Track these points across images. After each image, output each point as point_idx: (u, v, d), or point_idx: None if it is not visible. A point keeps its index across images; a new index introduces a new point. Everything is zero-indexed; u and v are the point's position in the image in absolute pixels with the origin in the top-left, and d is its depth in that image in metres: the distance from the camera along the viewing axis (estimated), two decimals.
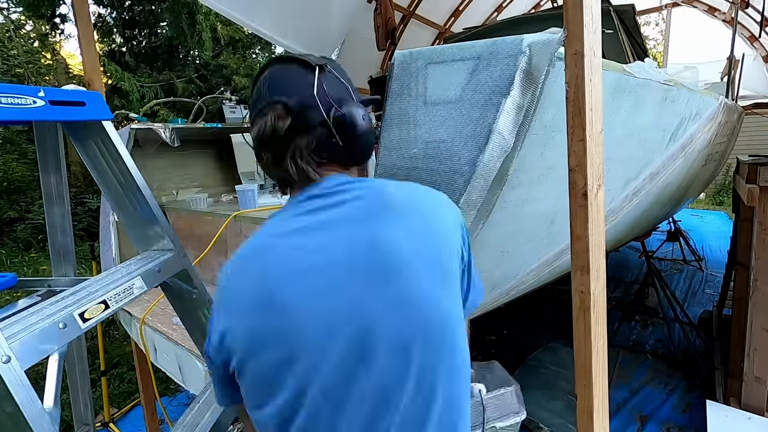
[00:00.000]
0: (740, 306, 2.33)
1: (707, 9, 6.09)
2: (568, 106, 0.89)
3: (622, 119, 1.29)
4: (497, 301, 1.61)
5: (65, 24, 8.37)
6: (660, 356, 3.28)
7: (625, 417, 2.64)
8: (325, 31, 4.98)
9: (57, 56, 9.38)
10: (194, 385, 1.59)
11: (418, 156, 1.00)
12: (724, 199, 9.39)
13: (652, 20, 16.22)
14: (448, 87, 0.96)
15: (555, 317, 3.65)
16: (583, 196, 0.91)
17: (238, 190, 2.02)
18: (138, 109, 6.30)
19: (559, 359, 3.16)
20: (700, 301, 4.27)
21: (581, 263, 0.95)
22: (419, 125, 1.00)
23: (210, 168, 2.86)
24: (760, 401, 2.26)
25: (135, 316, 1.97)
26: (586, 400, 0.99)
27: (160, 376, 2.40)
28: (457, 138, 0.95)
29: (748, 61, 5.42)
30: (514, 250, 1.27)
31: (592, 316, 0.95)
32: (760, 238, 2.13)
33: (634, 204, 1.88)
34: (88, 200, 7.31)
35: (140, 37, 9.20)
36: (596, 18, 0.89)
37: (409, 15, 6.21)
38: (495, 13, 7.28)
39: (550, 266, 1.58)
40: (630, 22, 3.30)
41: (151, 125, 2.24)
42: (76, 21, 2.35)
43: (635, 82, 1.25)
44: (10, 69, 7.87)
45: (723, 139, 3.20)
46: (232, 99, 2.90)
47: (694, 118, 1.98)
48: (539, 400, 2.72)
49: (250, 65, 10.08)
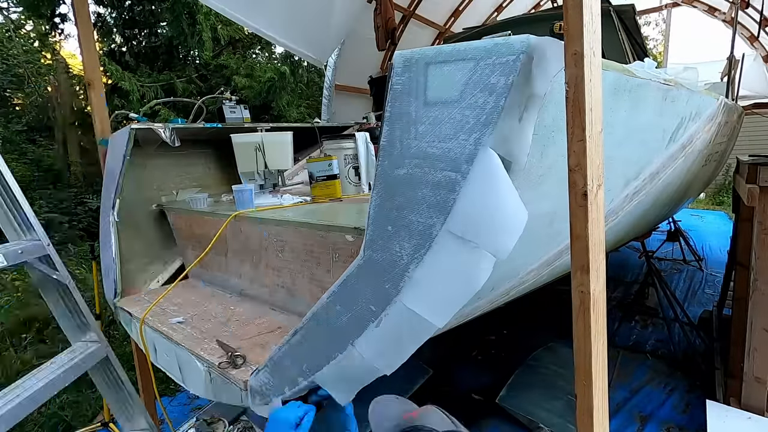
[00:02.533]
0: (740, 306, 2.33)
1: (707, 9, 6.09)
2: (567, 106, 0.89)
3: (622, 119, 1.29)
4: (497, 301, 1.61)
5: (65, 24, 8.38)
6: (660, 356, 3.28)
7: (625, 417, 2.64)
8: (325, 31, 4.98)
9: (57, 56, 9.39)
10: (194, 385, 1.59)
11: (419, 156, 1.00)
12: (724, 199, 9.39)
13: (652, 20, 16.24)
14: (449, 87, 0.96)
15: (555, 317, 3.66)
16: (583, 196, 0.91)
17: (234, 190, 2.02)
18: (138, 109, 6.30)
19: (559, 359, 3.16)
20: (700, 301, 4.27)
21: (581, 263, 0.95)
22: (419, 125, 1.00)
23: (210, 168, 2.86)
24: (760, 401, 2.26)
25: (135, 316, 1.97)
26: (586, 400, 0.99)
27: (160, 376, 2.40)
28: (458, 138, 0.95)
29: (748, 61, 5.42)
30: (514, 250, 1.27)
31: (592, 316, 0.95)
32: (760, 238, 2.13)
33: (634, 204, 1.88)
34: (88, 200, 7.32)
35: (140, 37, 9.20)
36: (596, 18, 0.89)
37: (409, 15, 6.21)
38: (495, 13, 7.28)
39: (550, 266, 1.58)
40: (630, 22, 3.30)
41: (151, 125, 2.24)
42: (76, 21, 2.35)
43: (635, 82, 1.25)
44: (10, 69, 7.87)
45: (723, 139, 3.20)
46: (232, 99, 2.90)
47: (694, 118, 1.98)
48: (539, 400, 2.72)
49: (250, 65, 10.09)
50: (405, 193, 1.02)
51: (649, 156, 1.69)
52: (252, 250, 1.92)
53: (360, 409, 1.23)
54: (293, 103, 9.96)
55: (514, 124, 0.92)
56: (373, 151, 2.35)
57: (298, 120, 9.54)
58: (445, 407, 1.17)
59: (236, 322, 1.79)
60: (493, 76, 0.91)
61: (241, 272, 2.04)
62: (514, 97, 0.90)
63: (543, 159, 1.03)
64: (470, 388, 3.01)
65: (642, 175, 1.71)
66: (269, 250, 1.83)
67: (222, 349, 1.55)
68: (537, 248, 1.39)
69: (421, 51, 1.00)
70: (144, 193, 2.45)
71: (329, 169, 2.12)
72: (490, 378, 3.05)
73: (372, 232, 1.09)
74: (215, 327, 1.77)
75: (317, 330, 1.22)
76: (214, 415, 2.03)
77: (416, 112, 1.00)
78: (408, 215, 1.02)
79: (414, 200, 1.01)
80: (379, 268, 1.08)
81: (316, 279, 1.64)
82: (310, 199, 2.13)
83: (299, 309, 1.74)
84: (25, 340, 4.26)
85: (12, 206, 1.59)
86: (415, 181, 1.01)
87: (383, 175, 1.06)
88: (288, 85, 9.45)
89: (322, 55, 5.42)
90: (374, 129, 2.93)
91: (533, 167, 1.05)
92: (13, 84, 8.29)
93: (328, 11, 4.72)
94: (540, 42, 0.89)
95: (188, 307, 2.01)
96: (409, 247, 1.02)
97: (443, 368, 3.26)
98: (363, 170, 2.32)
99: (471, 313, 1.54)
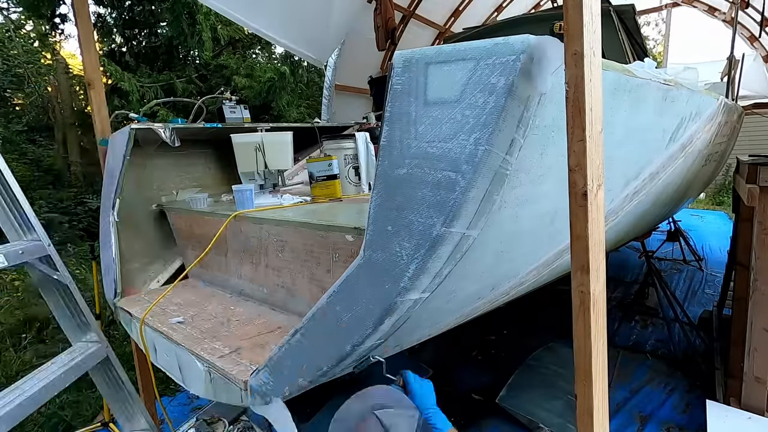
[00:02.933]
0: (740, 306, 2.33)
1: (707, 9, 6.09)
2: (567, 106, 0.89)
3: (622, 119, 1.29)
4: (497, 301, 1.61)
5: (65, 24, 8.38)
6: (660, 356, 3.28)
7: (625, 417, 2.64)
8: (325, 31, 4.98)
9: (57, 56, 9.39)
10: (194, 385, 1.59)
11: (418, 156, 1.00)
12: (724, 199, 9.40)
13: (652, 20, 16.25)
14: (449, 87, 0.96)
15: (555, 317, 3.65)
16: (583, 196, 0.91)
17: (234, 190, 2.02)
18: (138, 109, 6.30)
19: (559, 359, 3.16)
20: (700, 301, 4.27)
21: (581, 263, 0.95)
22: (419, 125, 1.00)
23: (210, 168, 2.86)
24: (760, 401, 2.26)
25: (135, 316, 1.97)
26: (586, 400, 0.99)
27: (160, 376, 2.40)
28: (458, 138, 0.95)
29: (748, 61, 5.43)
30: (514, 250, 1.27)
31: (592, 316, 0.95)
32: (760, 238, 2.13)
33: (634, 204, 1.88)
34: (88, 200, 7.32)
35: (140, 37, 9.20)
36: (596, 18, 0.89)
37: (409, 15, 6.21)
38: (495, 13, 7.28)
39: (550, 266, 1.58)
40: (630, 22, 3.30)
41: (151, 125, 2.24)
42: (76, 21, 2.35)
43: (635, 82, 1.25)
44: (10, 69, 7.88)
45: (723, 139, 3.20)
46: (232, 99, 2.90)
47: (694, 118, 1.98)
48: (539, 400, 2.72)
49: (250, 65, 10.09)
50: (405, 193, 1.02)
51: (649, 156, 1.69)
52: (252, 250, 1.92)
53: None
54: (293, 103, 9.96)
55: (514, 124, 0.92)
56: (373, 151, 2.35)
57: (298, 120, 9.54)
58: (445, 407, 1.18)
59: (236, 322, 1.79)
60: (493, 76, 0.91)
61: (241, 272, 2.04)
62: (514, 97, 0.90)
63: (543, 159, 1.03)
64: (470, 388, 3.01)
65: (642, 175, 1.71)
66: (269, 250, 1.83)
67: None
68: (537, 248, 1.39)
69: (421, 51, 1.00)
70: (144, 193, 2.45)
71: (329, 169, 2.11)
72: (490, 378, 3.05)
73: (372, 232, 1.09)
74: (215, 327, 1.77)
75: (317, 330, 1.22)
76: (214, 415, 2.02)
77: (416, 112, 1.00)
78: (408, 215, 1.02)
79: (414, 200, 1.01)
80: (379, 268, 1.08)
81: (316, 279, 1.64)
82: (310, 199, 2.13)
83: (299, 309, 1.74)
84: (25, 340, 4.26)
85: (13, 206, 1.60)
86: (415, 181, 1.01)
87: (383, 175, 1.06)
88: (288, 85, 9.45)
89: (322, 55, 5.42)
90: (374, 129, 2.93)
91: (533, 167, 1.05)
92: (13, 84, 8.29)
93: (328, 11, 4.72)
94: (540, 42, 0.89)
95: (188, 307, 2.01)
96: (409, 247, 1.02)
97: (443, 368, 3.26)
98: (363, 170, 2.32)
99: (471, 313, 1.54)
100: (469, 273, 1.06)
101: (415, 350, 3.38)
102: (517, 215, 1.11)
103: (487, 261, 1.17)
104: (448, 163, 0.96)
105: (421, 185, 1.00)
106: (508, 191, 1.01)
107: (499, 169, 0.95)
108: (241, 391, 1.39)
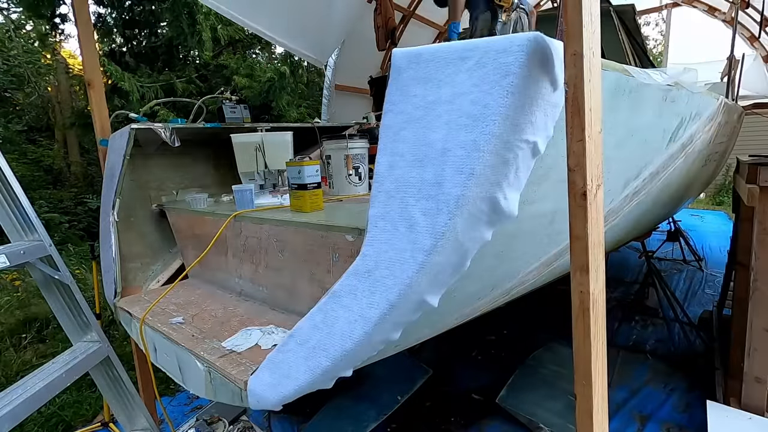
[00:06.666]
0: (740, 306, 2.33)
1: (707, 9, 6.09)
2: (567, 106, 0.90)
3: (622, 119, 1.29)
4: (497, 301, 1.61)
5: (65, 24, 8.37)
6: (660, 356, 3.28)
7: (625, 417, 2.63)
8: (325, 31, 4.99)
9: (57, 56, 9.39)
10: (194, 385, 1.59)
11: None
12: (724, 199, 9.40)
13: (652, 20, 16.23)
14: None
15: (555, 317, 3.65)
16: (582, 196, 0.91)
17: (234, 190, 2.02)
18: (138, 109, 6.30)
19: (559, 359, 3.16)
20: (700, 301, 4.27)
21: (580, 263, 0.95)
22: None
23: (210, 168, 2.86)
24: (760, 401, 2.26)
25: (135, 316, 1.97)
26: (586, 400, 0.99)
27: (160, 376, 2.40)
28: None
29: (748, 61, 5.42)
30: (514, 250, 1.27)
31: (592, 316, 0.96)
32: (760, 238, 2.13)
33: (634, 204, 1.88)
34: (88, 200, 7.32)
35: (140, 37, 9.20)
36: (595, 18, 0.89)
37: (409, 15, 6.21)
38: None
39: (550, 266, 1.58)
40: (630, 22, 3.31)
41: (151, 125, 2.24)
42: (76, 21, 2.35)
43: (635, 82, 1.25)
44: (10, 69, 7.88)
45: (723, 139, 3.20)
46: (232, 99, 2.90)
47: (694, 119, 1.98)
48: (539, 400, 2.72)
49: (250, 65, 10.08)
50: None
51: (649, 156, 1.69)
52: (252, 250, 1.92)
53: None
54: (293, 103, 9.96)
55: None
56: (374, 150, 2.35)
57: (298, 120, 9.54)
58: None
59: (236, 322, 1.79)
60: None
61: (241, 272, 2.04)
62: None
63: (543, 159, 1.03)
64: (470, 388, 3.01)
65: (642, 175, 1.72)
66: (269, 250, 1.83)
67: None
68: (537, 248, 1.39)
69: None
70: (144, 193, 2.45)
71: (299, 177, 1.76)
72: (490, 378, 3.05)
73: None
74: (215, 327, 1.77)
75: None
76: (214, 415, 2.03)
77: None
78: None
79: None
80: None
81: (316, 279, 1.64)
82: None
83: (299, 309, 1.74)
84: (25, 339, 4.26)
85: (14, 207, 1.60)
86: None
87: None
88: (288, 85, 9.44)
89: (322, 55, 5.42)
90: (374, 129, 2.93)
91: (533, 167, 1.05)
92: (13, 84, 8.29)
93: (328, 11, 4.72)
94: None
95: (188, 307, 2.01)
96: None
97: (443, 368, 3.26)
98: (363, 170, 2.32)
99: (471, 313, 1.54)
100: (469, 273, 1.06)
101: (415, 350, 3.38)
102: (517, 215, 1.11)
103: (487, 261, 1.17)
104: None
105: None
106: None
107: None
108: (241, 391, 1.39)
